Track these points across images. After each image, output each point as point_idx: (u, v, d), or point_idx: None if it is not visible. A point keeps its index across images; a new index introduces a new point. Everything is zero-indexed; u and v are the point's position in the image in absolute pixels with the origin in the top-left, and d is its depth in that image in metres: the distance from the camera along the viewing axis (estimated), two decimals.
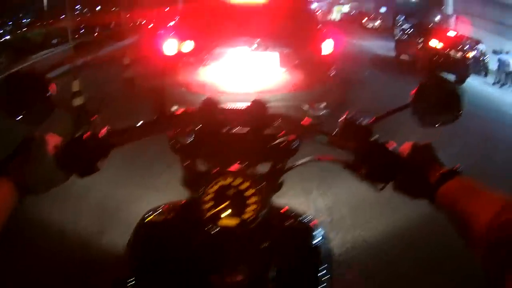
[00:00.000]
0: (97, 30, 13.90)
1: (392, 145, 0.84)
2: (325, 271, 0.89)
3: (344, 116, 0.88)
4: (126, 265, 0.87)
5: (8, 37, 11.36)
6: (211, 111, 0.89)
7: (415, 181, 0.79)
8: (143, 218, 0.93)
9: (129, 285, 0.83)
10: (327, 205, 3.27)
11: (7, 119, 0.80)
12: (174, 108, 3.92)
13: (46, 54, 11.19)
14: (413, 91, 0.87)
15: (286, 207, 0.97)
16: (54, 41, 13.16)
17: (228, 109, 0.91)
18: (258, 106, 0.90)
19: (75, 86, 5.22)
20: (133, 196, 3.16)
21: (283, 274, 0.83)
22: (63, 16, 14.09)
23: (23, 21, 13.71)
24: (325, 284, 0.87)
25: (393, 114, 0.89)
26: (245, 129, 0.91)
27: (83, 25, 13.63)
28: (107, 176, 3.09)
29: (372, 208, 3.09)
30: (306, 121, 0.91)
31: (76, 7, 14.90)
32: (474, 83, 12.49)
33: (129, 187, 3.37)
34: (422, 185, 0.77)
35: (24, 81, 0.83)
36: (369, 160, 0.83)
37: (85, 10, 15.09)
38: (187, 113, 0.90)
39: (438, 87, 0.88)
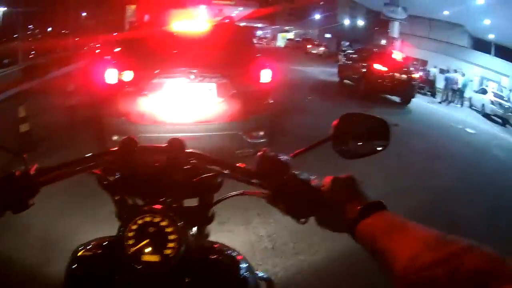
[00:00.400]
0: (47, 52, 13.62)
1: (313, 180, 0.83)
2: None
3: (261, 152, 0.88)
4: None
5: None
6: (130, 151, 0.91)
7: (334, 216, 0.77)
8: (75, 253, 0.94)
9: None
10: (268, 232, 3.31)
11: None
12: (114, 138, 3.85)
13: None
14: (334, 123, 0.88)
15: (218, 244, 0.98)
16: (6, 61, 12.82)
17: (146, 147, 0.93)
18: (176, 144, 0.92)
19: (22, 111, 5.10)
20: (77, 225, 3.11)
21: None
22: (16, 35, 13.76)
23: None
24: None
25: (314, 148, 0.90)
26: (165, 167, 0.92)
27: (33, 46, 13.33)
28: (51, 206, 3.09)
29: (314, 234, 3.08)
30: (241, 164, 0.91)
31: (29, 26, 14.59)
32: (420, 102, 13.08)
33: (73, 217, 3.31)
34: (341, 220, 0.76)
35: None
36: (288, 195, 0.83)
37: (36, 30, 14.76)
38: (110, 153, 0.92)
39: (361, 120, 0.90)
